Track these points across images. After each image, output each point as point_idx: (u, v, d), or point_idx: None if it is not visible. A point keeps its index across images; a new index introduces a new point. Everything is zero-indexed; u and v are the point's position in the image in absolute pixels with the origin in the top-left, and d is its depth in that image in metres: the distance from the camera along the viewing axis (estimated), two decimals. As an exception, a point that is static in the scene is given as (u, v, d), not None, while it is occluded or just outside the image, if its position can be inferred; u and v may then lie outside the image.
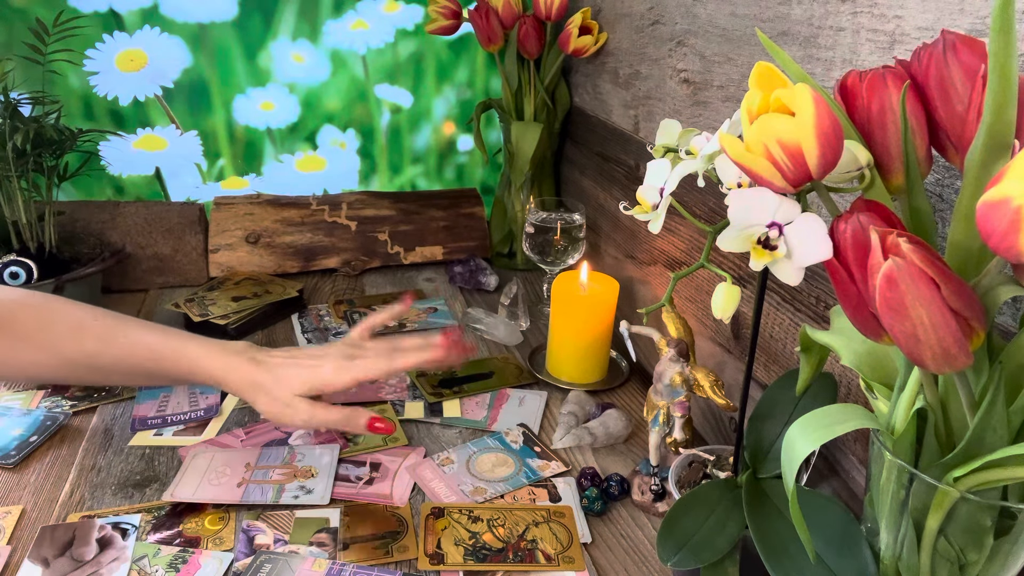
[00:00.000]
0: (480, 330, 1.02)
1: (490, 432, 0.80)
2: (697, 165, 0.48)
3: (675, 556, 0.52)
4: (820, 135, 0.35)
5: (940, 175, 0.50)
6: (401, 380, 0.89)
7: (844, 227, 0.35)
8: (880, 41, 0.54)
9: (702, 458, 0.65)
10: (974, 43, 0.36)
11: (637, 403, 0.88)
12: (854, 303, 0.36)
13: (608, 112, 1.08)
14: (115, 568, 0.61)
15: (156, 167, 1.21)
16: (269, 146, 1.25)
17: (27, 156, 0.90)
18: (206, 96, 1.19)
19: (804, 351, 0.51)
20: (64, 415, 0.80)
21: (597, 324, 0.88)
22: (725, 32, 0.74)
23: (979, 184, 0.34)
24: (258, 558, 0.62)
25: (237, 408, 0.83)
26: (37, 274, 0.91)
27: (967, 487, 0.37)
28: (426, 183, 1.35)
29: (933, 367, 0.34)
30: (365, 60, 1.24)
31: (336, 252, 1.20)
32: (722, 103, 0.76)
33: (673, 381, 0.68)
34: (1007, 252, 0.28)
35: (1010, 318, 0.46)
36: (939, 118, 0.38)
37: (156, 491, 0.70)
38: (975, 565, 0.40)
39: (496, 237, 1.28)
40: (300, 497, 0.69)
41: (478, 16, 1.12)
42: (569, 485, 0.72)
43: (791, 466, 0.38)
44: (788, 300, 0.67)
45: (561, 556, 0.63)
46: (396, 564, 0.62)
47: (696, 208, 0.80)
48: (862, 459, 0.60)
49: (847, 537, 0.47)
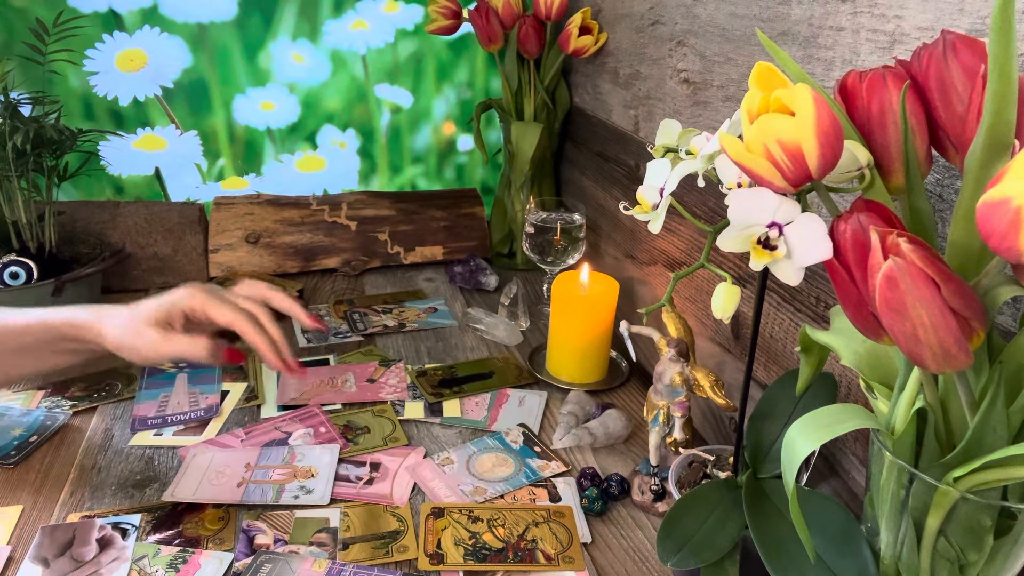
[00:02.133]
0: (480, 330, 1.02)
1: (490, 432, 0.80)
2: (697, 165, 0.48)
3: (675, 556, 0.52)
4: (820, 135, 0.35)
5: (940, 175, 0.50)
6: (401, 380, 0.89)
7: (844, 227, 0.35)
8: (880, 41, 0.54)
9: (702, 458, 0.65)
10: (974, 43, 0.36)
11: (637, 403, 0.88)
12: (854, 303, 0.36)
13: (608, 112, 1.08)
14: (115, 568, 0.61)
15: (156, 167, 1.21)
16: (269, 146, 1.25)
17: (27, 156, 0.90)
18: (206, 96, 1.19)
19: (804, 351, 0.51)
20: (64, 415, 0.80)
21: (597, 324, 0.88)
22: (725, 32, 0.74)
23: (979, 184, 0.34)
24: (258, 558, 0.62)
25: (237, 408, 0.83)
26: (37, 274, 0.90)
27: (967, 487, 0.37)
28: (426, 183, 1.35)
29: (933, 367, 0.34)
30: (365, 60, 1.24)
31: (336, 252, 1.20)
32: (722, 103, 0.76)
33: (673, 381, 0.68)
34: (1007, 252, 0.28)
35: (1010, 318, 0.46)
36: (939, 118, 0.38)
37: (156, 491, 0.70)
38: (975, 565, 0.40)
39: (496, 237, 1.28)
40: (300, 497, 0.69)
41: (478, 16, 1.12)
42: (569, 485, 0.72)
43: (791, 466, 0.38)
44: (788, 300, 0.67)
45: (561, 556, 0.63)
46: (396, 564, 0.62)
47: (696, 208, 0.80)
48: (862, 459, 0.60)
49: (847, 537, 0.47)
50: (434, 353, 0.97)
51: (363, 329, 1.02)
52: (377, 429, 0.80)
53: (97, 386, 0.87)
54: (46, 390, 0.85)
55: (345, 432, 0.79)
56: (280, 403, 0.84)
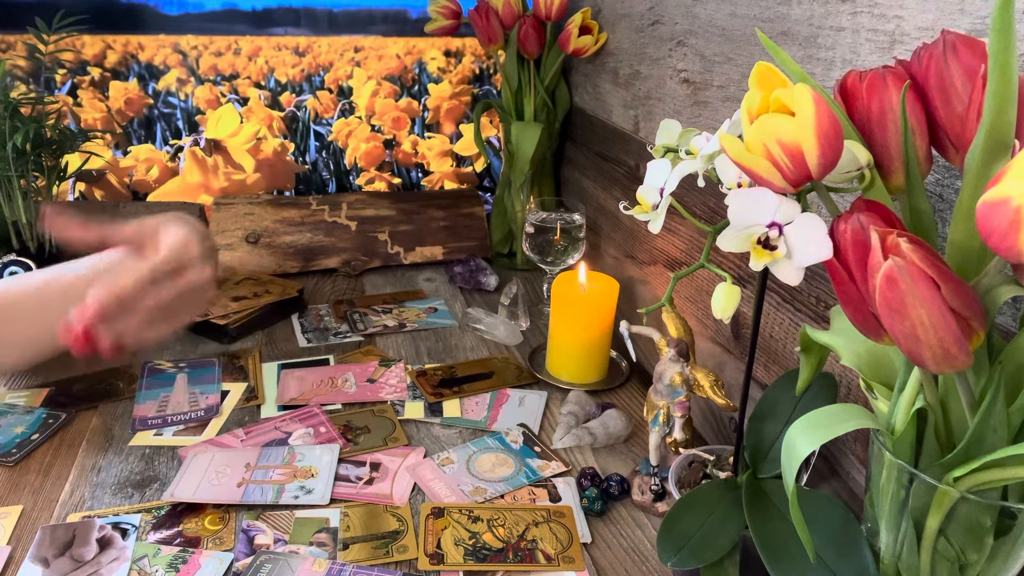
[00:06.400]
0: (480, 330, 1.02)
1: (490, 432, 0.80)
2: (697, 165, 0.48)
3: (675, 556, 0.52)
4: (820, 135, 0.35)
5: (940, 175, 0.50)
6: (401, 380, 0.89)
7: (844, 227, 0.35)
8: (880, 41, 0.54)
9: (702, 458, 0.65)
10: (974, 43, 0.36)
11: (637, 403, 0.88)
12: (854, 303, 0.36)
13: (608, 112, 1.08)
14: (115, 568, 0.61)
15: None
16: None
17: (27, 156, 0.90)
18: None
19: (804, 351, 0.51)
20: (66, 414, 0.80)
21: (597, 324, 0.88)
22: (725, 32, 0.74)
23: (979, 184, 0.34)
24: (258, 558, 0.62)
25: (237, 408, 0.83)
26: (37, 274, 0.90)
27: (967, 487, 0.37)
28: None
29: (933, 367, 0.34)
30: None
31: (336, 252, 1.20)
32: (722, 103, 0.76)
33: (673, 381, 0.68)
34: (1007, 252, 0.28)
35: (1010, 318, 0.46)
36: (939, 118, 0.38)
37: (156, 491, 0.70)
38: (975, 565, 0.40)
39: (496, 237, 1.28)
40: (300, 497, 0.69)
41: (478, 16, 1.12)
42: (569, 485, 0.72)
43: (791, 466, 0.38)
44: (788, 300, 0.67)
45: (561, 556, 0.63)
46: (396, 564, 0.62)
47: (696, 208, 0.80)
48: (862, 459, 0.60)
49: (847, 537, 0.47)
50: (434, 353, 0.97)
51: (363, 329, 1.02)
52: (377, 429, 0.80)
53: (98, 386, 0.87)
54: (49, 388, 0.85)
55: (345, 432, 0.79)
56: (280, 403, 0.84)
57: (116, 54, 1.15)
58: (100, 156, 1.16)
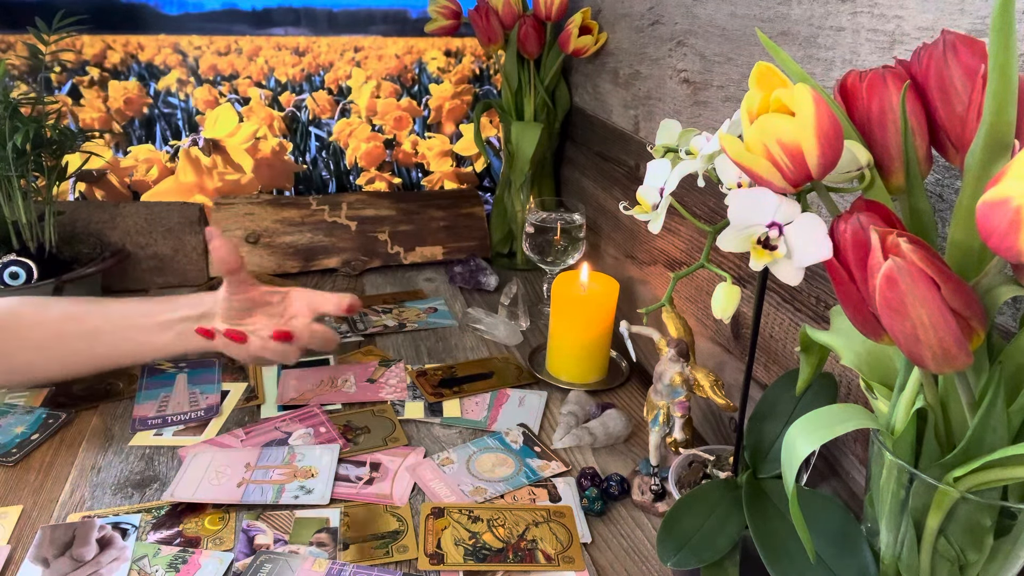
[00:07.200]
0: (480, 330, 1.02)
1: (490, 432, 0.80)
2: (697, 165, 0.48)
3: (675, 556, 0.52)
4: (820, 135, 0.35)
5: (940, 175, 0.50)
6: (401, 380, 0.89)
7: (844, 227, 0.35)
8: (880, 41, 0.54)
9: (702, 458, 0.65)
10: (974, 43, 0.36)
11: (637, 403, 0.88)
12: (854, 303, 0.36)
13: (608, 112, 1.08)
14: (115, 568, 0.61)
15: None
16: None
17: (27, 156, 0.90)
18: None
19: (804, 351, 0.51)
20: (66, 414, 0.80)
21: (597, 324, 0.88)
22: (725, 32, 0.74)
23: (979, 184, 0.34)
24: (258, 558, 0.62)
25: (237, 408, 0.83)
26: (37, 274, 0.90)
27: (967, 487, 0.37)
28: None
29: (933, 367, 0.34)
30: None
31: (336, 252, 1.20)
32: (722, 103, 0.76)
33: (673, 381, 0.68)
34: (1007, 252, 0.28)
35: (1010, 318, 0.46)
36: (939, 118, 0.38)
37: (156, 491, 0.70)
38: (975, 565, 0.40)
39: (496, 237, 1.28)
40: (300, 497, 0.69)
41: (478, 16, 1.12)
42: (569, 485, 0.72)
43: (791, 466, 0.38)
44: (788, 300, 0.67)
45: (561, 556, 0.63)
46: (396, 564, 0.62)
47: (696, 208, 0.80)
48: (862, 459, 0.60)
49: (847, 537, 0.47)
50: (434, 353, 0.97)
51: (363, 329, 1.02)
52: (377, 429, 0.80)
53: (98, 386, 0.87)
54: (49, 388, 0.85)
55: (345, 432, 0.79)
56: (280, 403, 0.84)
57: (116, 54, 1.15)
58: (100, 156, 1.16)
